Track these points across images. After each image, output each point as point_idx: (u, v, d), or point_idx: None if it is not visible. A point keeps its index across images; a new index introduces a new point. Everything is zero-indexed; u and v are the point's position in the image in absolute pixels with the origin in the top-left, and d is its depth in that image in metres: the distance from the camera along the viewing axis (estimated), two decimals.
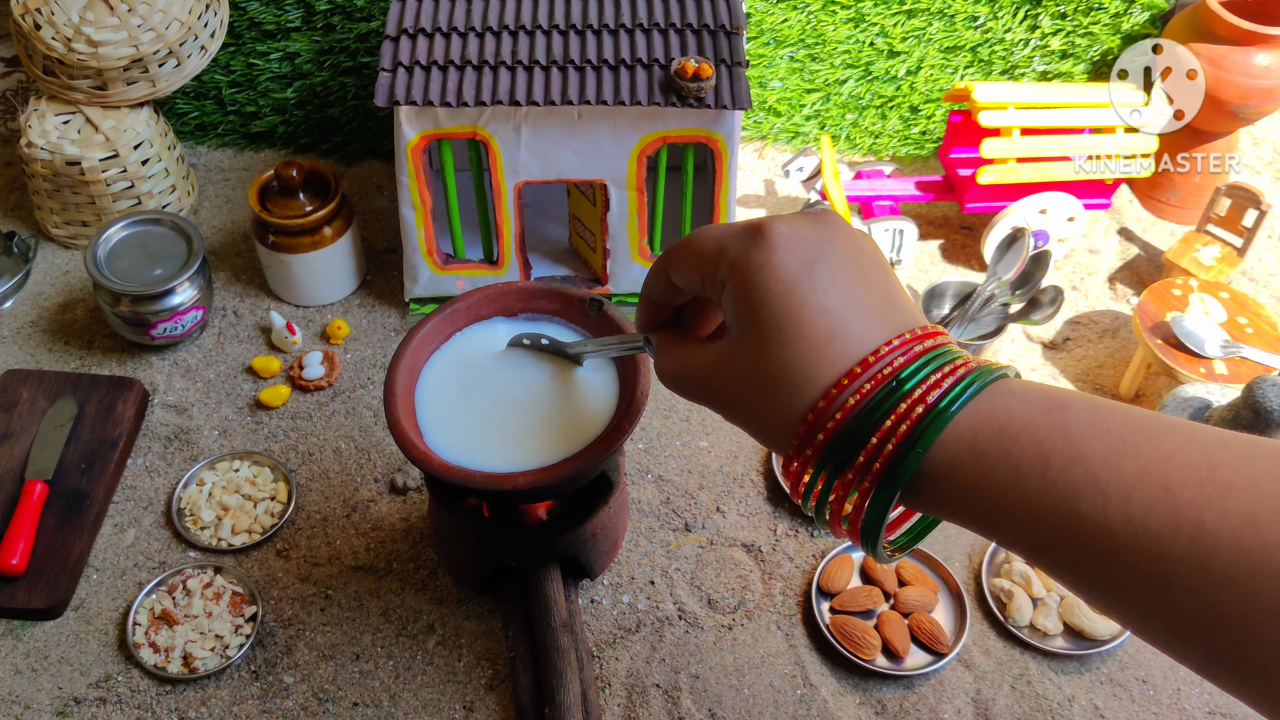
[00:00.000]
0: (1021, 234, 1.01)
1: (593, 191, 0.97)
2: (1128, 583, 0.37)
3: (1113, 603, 0.38)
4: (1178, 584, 0.35)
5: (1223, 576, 0.34)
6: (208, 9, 1.05)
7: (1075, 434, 0.38)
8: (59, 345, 1.00)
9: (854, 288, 0.43)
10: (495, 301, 0.75)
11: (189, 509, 0.87)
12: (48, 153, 1.01)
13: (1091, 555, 0.37)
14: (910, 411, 0.40)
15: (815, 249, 0.43)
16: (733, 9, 0.93)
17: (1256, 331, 0.95)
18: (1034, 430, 0.39)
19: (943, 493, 0.41)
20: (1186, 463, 0.36)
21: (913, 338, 0.42)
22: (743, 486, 0.90)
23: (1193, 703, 0.78)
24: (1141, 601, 0.37)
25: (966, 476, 0.40)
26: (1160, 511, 0.36)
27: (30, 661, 0.79)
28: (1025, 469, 0.38)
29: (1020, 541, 0.40)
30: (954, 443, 0.40)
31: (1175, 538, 0.35)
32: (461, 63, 0.89)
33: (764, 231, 0.43)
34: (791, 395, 0.42)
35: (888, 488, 0.41)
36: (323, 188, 0.99)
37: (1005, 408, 0.40)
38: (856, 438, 0.41)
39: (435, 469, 0.65)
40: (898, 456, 0.40)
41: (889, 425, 0.40)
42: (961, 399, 0.40)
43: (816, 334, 0.42)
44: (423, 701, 0.77)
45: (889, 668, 0.79)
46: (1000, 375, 0.41)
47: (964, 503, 0.40)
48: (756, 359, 0.43)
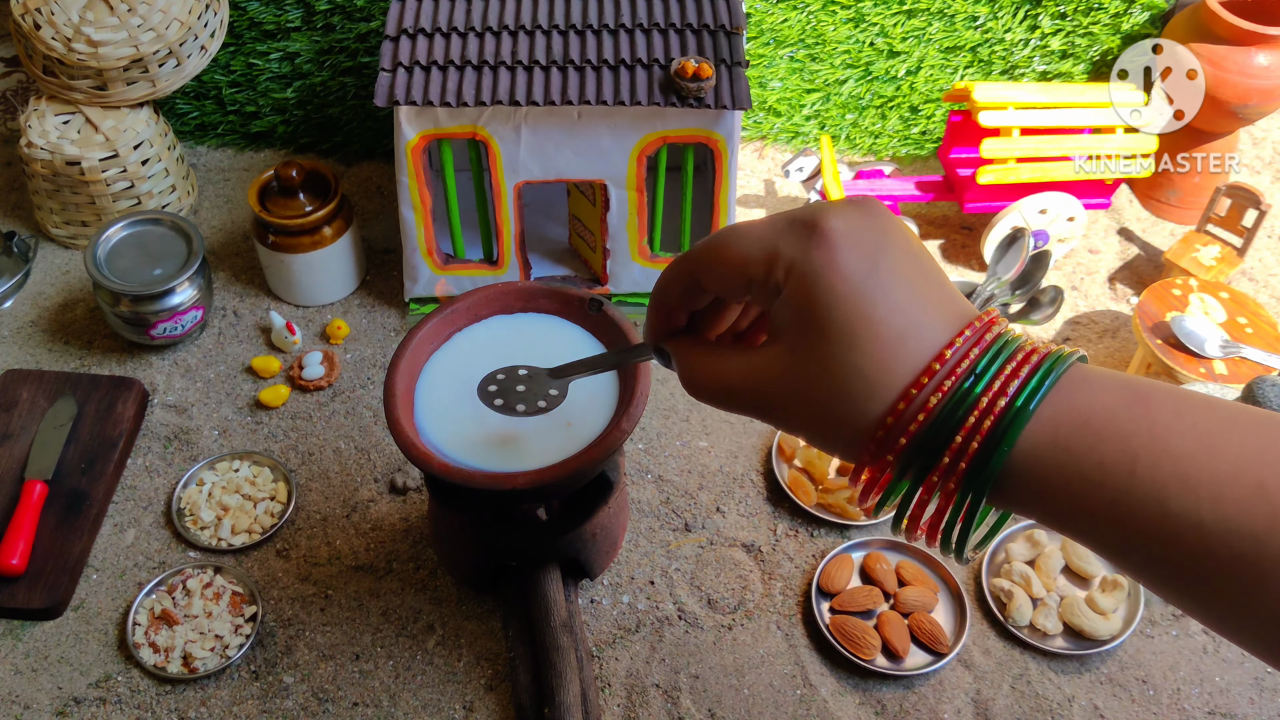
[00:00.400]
0: (1021, 234, 1.01)
1: (593, 191, 0.97)
2: (1220, 584, 0.36)
3: (1203, 605, 0.37)
4: (1271, 585, 0.34)
5: None
6: (208, 9, 1.05)
7: (1161, 428, 0.37)
8: (59, 345, 1.00)
9: (916, 281, 0.41)
10: (496, 301, 0.75)
11: (189, 509, 0.87)
12: (48, 153, 1.01)
13: (1181, 556, 0.36)
14: (992, 406, 0.39)
15: (875, 243, 0.41)
16: (733, 9, 0.93)
17: (1256, 331, 0.95)
18: (1118, 424, 0.37)
19: (1025, 490, 0.39)
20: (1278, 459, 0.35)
21: (981, 327, 0.40)
22: (743, 486, 0.90)
23: (1193, 703, 0.78)
24: (1234, 603, 0.36)
25: (1050, 473, 0.38)
26: (1255, 510, 0.35)
27: (30, 661, 0.79)
28: (1110, 465, 0.37)
29: (1104, 540, 0.39)
30: (1036, 437, 0.38)
31: (1271, 537, 0.34)
32: (461, 63, 0.89)
33: (821, 229, 0.41)
34: (866, 399, 0.40)
35: (976, 487, 0.39)
36: (323, 188, 0.99)
37: (1086, 399, 0.38)
38: (941, 437, 0.39)
39: (435, 469, 0.65)
40: (983, 454, 0.39)
41: (973, 421, 0.39)
42: (1041, 390, 0.39)
43: (890, 334, 0.40)
44: (422, 701, 0.77)
45: (889, 668, 0.79)
46: (1072, 361, 0.40)
47: (1046, 499, 0.39)
48: (823, 365, 0.41)
